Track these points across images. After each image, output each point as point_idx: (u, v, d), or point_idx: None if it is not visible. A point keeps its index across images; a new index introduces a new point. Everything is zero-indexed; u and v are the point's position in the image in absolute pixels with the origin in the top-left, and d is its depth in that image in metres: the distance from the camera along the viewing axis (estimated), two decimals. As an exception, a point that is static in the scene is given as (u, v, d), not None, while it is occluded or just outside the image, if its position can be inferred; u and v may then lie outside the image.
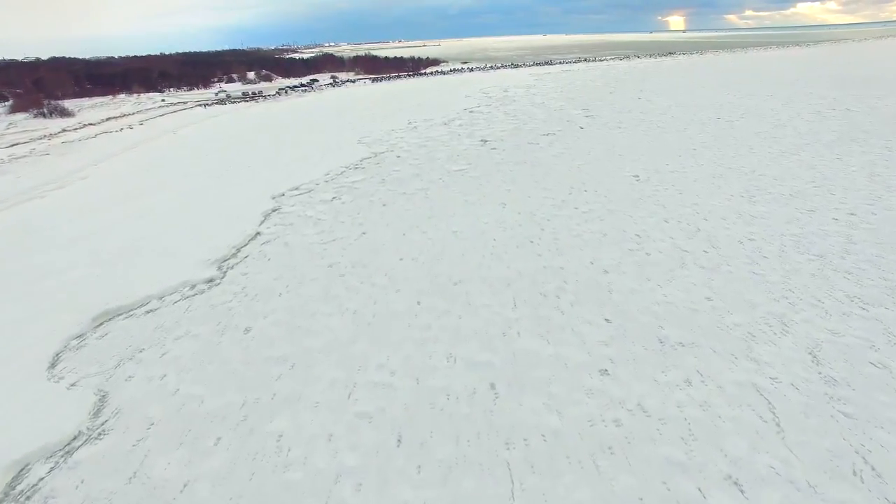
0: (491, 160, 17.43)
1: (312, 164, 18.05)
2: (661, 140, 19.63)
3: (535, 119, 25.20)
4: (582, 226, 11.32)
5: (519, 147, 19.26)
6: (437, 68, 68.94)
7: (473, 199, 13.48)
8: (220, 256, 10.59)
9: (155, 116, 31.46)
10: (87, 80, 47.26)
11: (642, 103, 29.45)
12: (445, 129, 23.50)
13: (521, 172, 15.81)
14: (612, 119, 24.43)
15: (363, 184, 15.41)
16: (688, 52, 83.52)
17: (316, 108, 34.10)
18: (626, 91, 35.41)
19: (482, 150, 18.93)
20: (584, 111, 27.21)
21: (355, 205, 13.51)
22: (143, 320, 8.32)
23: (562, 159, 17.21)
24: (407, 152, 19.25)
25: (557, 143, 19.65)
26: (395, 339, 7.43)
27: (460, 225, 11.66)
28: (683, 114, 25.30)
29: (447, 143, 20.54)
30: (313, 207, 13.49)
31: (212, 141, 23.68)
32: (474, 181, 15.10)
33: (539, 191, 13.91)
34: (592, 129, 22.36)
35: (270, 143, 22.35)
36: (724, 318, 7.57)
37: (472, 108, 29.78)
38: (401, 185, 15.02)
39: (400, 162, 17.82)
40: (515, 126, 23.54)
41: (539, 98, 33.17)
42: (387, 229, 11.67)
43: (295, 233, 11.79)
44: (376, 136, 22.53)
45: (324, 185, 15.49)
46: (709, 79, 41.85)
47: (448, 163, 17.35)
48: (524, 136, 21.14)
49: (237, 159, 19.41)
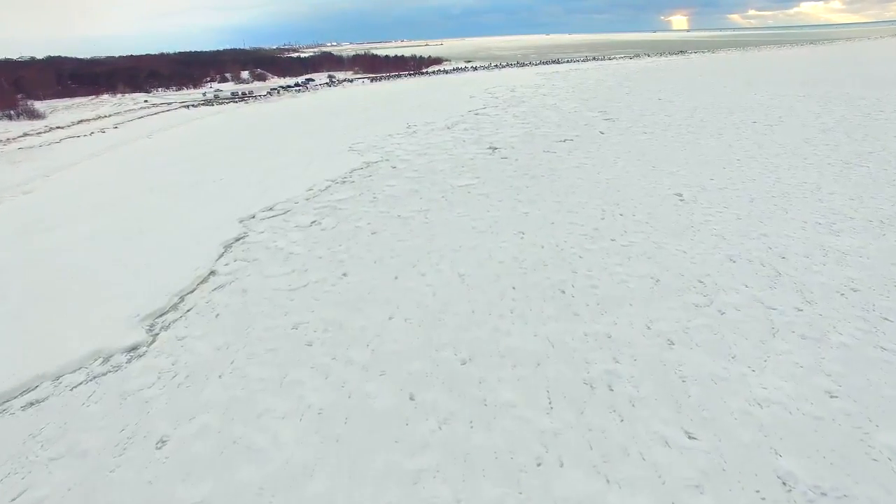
0: (502, 173, 14.91)
1: (294, 176, 15.56)
2: (697, 148, 17.08)
3: (549, 122, 22.66)
4: (625, 266, 8.80)
5: (533, 156, 16.73)
6: (440, 67, 66.45)
7: (483, 225, 10.96)
8: (156, 309, 8.10)
9: (133, 119, 29.05)
10: (72, 80, 44.91)
11: (664, 104, 26.88)
12: (448, 134, 20.99)
13: (538, 189, 13.28)
14: (634, 122, 21.87)
15: (350, 203, 12.91)
16: (699, 51, 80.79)
17: (308, 109, 31.64)
18: (643, 91, 32.83)
19: (491, 160, 16.42)
20: (602, 113, 24.65)
21: (338, 232, 11.01)
22: (16, 421, 5.84)
23: (585, 171, 14.68)
24: (404, 162, 16.74)
25: (577, 152, 17.11)
26: (373, 469, 4.93)
27: (468, 264, 9.15)
28: (713, 116, 22.74)
29: (450, 150, 18.03)
30: (286, 235, 10.99)
31: (187, 147, 21.23)
32: (483, 200, 12.58)
33: (563, 214, 11.38)
34: (614, 134, 19.81)
35: (251, 150, 19.88)
36: (869, 435, 5.04)
37: (478, 110, 27.26)
38: (395, 206, 12.52)
39: (395, 174, 15.32)
40: (527, 130, 21.01)
41: (550, 99, 30.62)
42: (374, 269, 9.16)
43: (258, 273, 9.29)
44: (370, 143, 20.03)
45: (303, 205, 13.00)
46: (727, 78, 39.22)
47: (452, 176, 14.84)
48: (538, 143, 18.62)
49: (210, 170, 16.94)
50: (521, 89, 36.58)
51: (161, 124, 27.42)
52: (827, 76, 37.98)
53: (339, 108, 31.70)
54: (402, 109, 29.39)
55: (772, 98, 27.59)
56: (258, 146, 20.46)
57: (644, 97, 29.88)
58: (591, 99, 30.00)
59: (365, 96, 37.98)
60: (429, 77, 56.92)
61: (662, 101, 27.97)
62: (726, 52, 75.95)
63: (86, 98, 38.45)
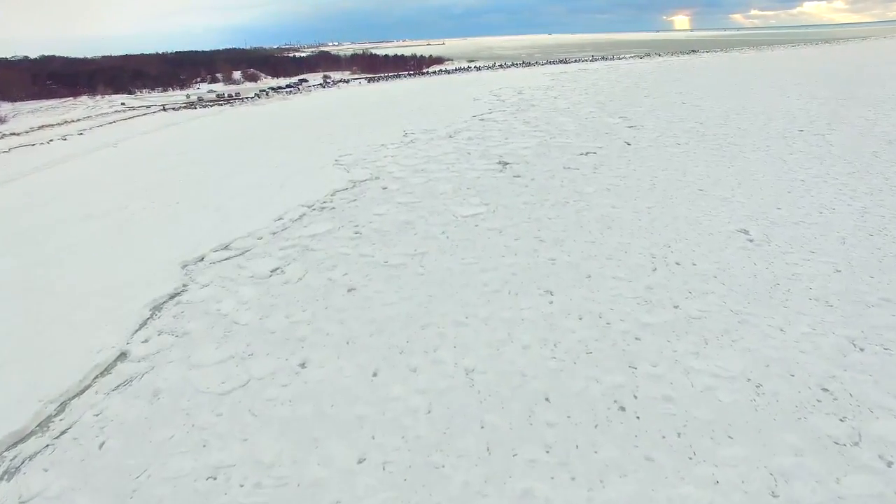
0: (516, 197, 12.22)
1: (264, 200, 12.90)
2: (745, 164, 14.37)
3: (565, 131, 19.95)
4: (704, 359, 6.10)
5: (552, 174, 14.03)
6: (442, 67, 63.73)
7: (497, 279, 8.27)
8: (15, 430, 5.45)
9: (104, 124, 26.46)
10: (52, 80, 42.39)
11: (690, 109, 24.15)
12: (451, 144, 18.30)
13: (563, 221, 10.59)
14: (662, 131, 19.15)
15: (326, 240, 10.23)
16: (711, 50, 77.92)
17: (296, 113, 28.98)
18: (663, 94, 30.08)
19: (501, 179, 13.73)
20: (623, 120, 21.93)
21: (304, 287, 8.34)
22: None
23: (618, 196, 11.98)
24: (398, 181, 14.06)
25: (604, 168, 14.41)
26: None
27: (478, 350, 6.46)
28: (749, 123, 20.01)
29: (453, 165, 15.33)
30: (236, 292, 8.33)
31: (152, 159, 18.59)
32: (495, 238, 9.89)
33: (601, 263, 8.69)
34: (643, 145, 17.10)
35: (221, 164, 17.23)
36: None
37: (483, 115, 24.56)
38: (382, 245, 9.84)
39: (386, 198, 12.64)
40: (540, 140, 18.30)
41: (562, 102, 27.89)
42: (346, 356, 6.49)
43: (184, 358, 6.63)
44: (360, 155, 17.35)
45: (268, 242, 10.33)
46: (749, 79, 36.43)
47: (455, 201, 12.15)
48: (556, 157, 15.92)
49: (166, 190, 14.29)
50: (529, 91, 33.86)
51: (132, 130, 24.78)
52: (855, 75, 35.25)
53: (330, 111, 29.04)
54: (400, 114, 26.71)
55: (808, 101, 24.86)
56: (230, 159, 17.80)
57: (666, 100, 27.15)
58: (608, 102, 27.27)
59: (360, 98, 35.31)
60: (429, 77, 54.20)
61: (688, 106, 25.25)
62: (739, 52, 73.04)
63: (59, 100, 35.93)
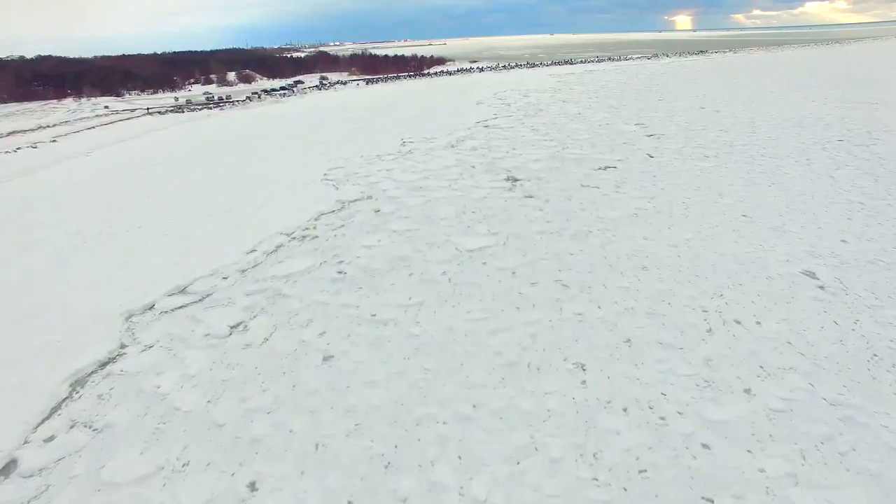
0: (529, 224, 10.47)
1: (238, 225, 11.17)
2: (787, 181, 12.62)
3: (578, 139, 18.20)
4: (808, 488, 4.32)
5: (569, 194, 12.28)
6: (443, 68, 62.04)
7: (512, 344, 6.52)
8: None
9: (83, 129, 24.77)
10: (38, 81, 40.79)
11: (711, 115, 22.40)
12: (453, 156, 16.56)
13: (589, 258, 8.84)
14: (686, 141, 17.39)
15: (303, 283, 8.49)
16: (720, 51, 76.10)
17: (287, 118, 27.28)
18: (677, 97, 28.32)
19: (511, 200, 11.99)
20: (641, 127, 20.18)
21: (269, 353, 6.61)
22: None
23: (649, 224, 10.23)
24: (393, 202, 12.33)
25: (628, 187, 12.66)
26: None
27: (491, 466, 4.71)
28: (780, 132, 18.25)
29: (456, 183, 13.59)
30: (185, 358, 6.60)
31: (123, 171, 16.90)
32: (508, 282, 8.14)
33: (642, 319, 6.93)
34: (667, 158, 15.35)
35: (199, 177, 15.53)
36: None
37: (488, 121, 22.81)
38: (370, 290, 8.10)
39: (379, 224, 10.90)
40: (553, 152, 16.55)
41: (572, 106, 26.13)
42: (310, 472, 4.75)
43: (91, 473, 4.88)
44: (352, 168, 15.62)
45: (235, 282, 8.60)
46: (766, 81, 34.62)
47: (458, 228, 10.41)
48: (571, 172, 14.18)
49: (130, 211, 12.58)
50: (535, 94, 32.11)
51: (110, 137, 23.09)
52: (876, 77, 33.42)
53: (324, 116, 27.33)
54: (398, 119, 24.98)
55: (838, 106, 23.09)
56: (208, 172, 16.09)
57: (682, 105, 25.39)
58: (621, 107, 25.51)
59: (356, 101, 33.59)
60: (430, 79, 52.50)
61: (707, 111, 23.50)
62: (749, 52, 71.21)
63: (40, 103, 34.30)
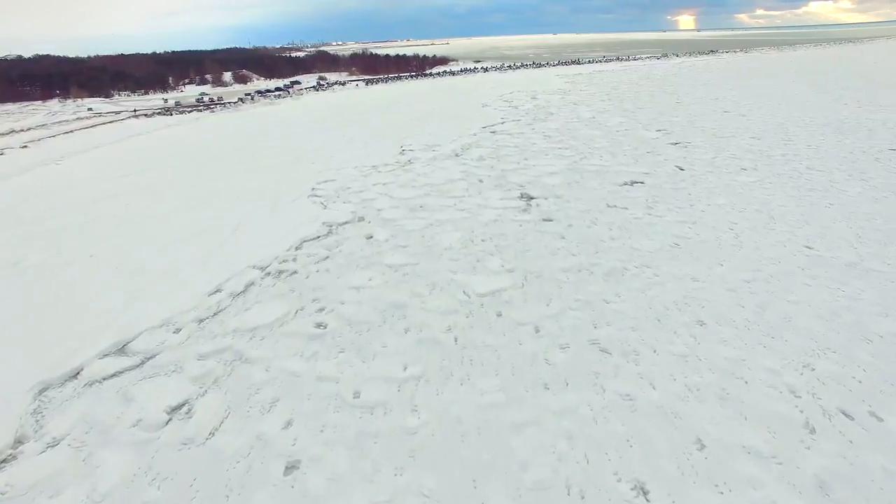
0: (552, 257, 8.67)
1: (204, 256, 9.40)
2: (845, 201, 10.81)
3: (596, 148, 16.41)
4: None
5: (594, 217, 10.47)
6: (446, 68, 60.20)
7: (543, 456, 4.71)
8: None
9: (59, 133, 23.11)
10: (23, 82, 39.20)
11: (736, 119, 20.59)
12: (458, 167, 14.79)
13: (630, 309, 7.03)
14: (717, 150, 15.59)
15: (272, 339, 6.71)
16: (730, 50, 74.13)
17: (279, 122, 25.53)
18: (695, 99, 26.49)
19: (528, 225, 10.19)
20: (663, 133, 18.38)
21: (212, 457, 4.81)
22: None
23: (695, 258, 8.42)
24: (388, 225, 10.54)
25: (660, 207, 10.86)
26: None
27: None
28: (819, 139, 16.43)
29: (461, 200, 11.81)
30: (99, 465, 4.80)
31: (91, 183, 15.15)
32: (530, 344, 6.34)
33: (713, 408, 5.13)
34: (699, 170, 13.56)
35: (173, 191, 13.77)
36: None
37: (495, 126, 21.04)
38: (354, 354, 6.32)
39: (370, 256, 9.11)
40: (569, 163, 14.77)
41: (585, 110, 24.33)
42: None
43: None
44: (344, 181, 13.86)
45: (188, 336, 6.82)
46: (787, 82, 32.76)
47: (466, 263, 8.61)
48: (593, 187, 12.38)
49: (87, 235, 10.82)
50: (544, 96, 30.32)
51: (87, 142, 21.38)
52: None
53: (319, 120, 25.57)
54: (398, 123, 23.21)
55: (873, 110, 21.28)
56: (184, 185, 14.34)
57: (703, 108, 23.57)
58: (637, 110, 23.71)
59: (354, 104, 31.84)
60: (433, 79, 50.70)
61: (731, 115, 21.68)
62: (760, 52, 69.25)
63: (22, 104, 32.70)
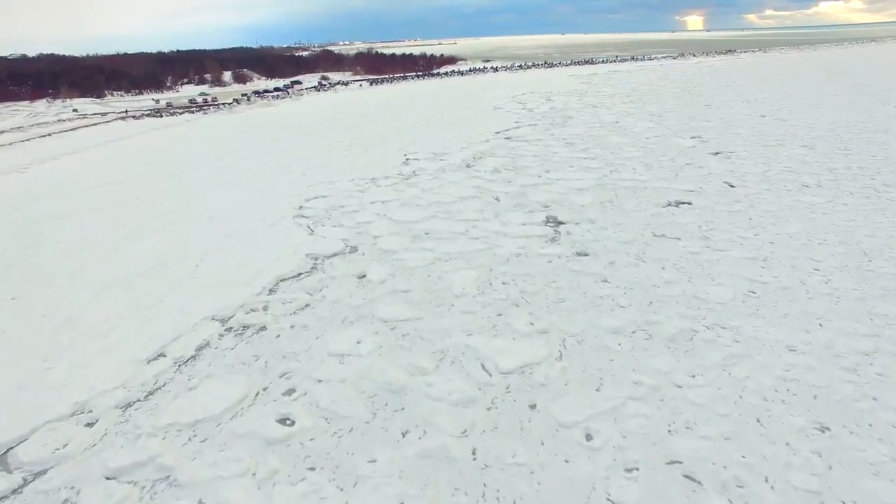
0: (594, 311, 6.65)
1: (153, 300, 7.48)
2: (954, 232, 8.73)
3: (627, 158, 14.39)
4: None
5: (640, 250, 8.45)
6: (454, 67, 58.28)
7: None
8: None
9: (35, 137, 21.47)
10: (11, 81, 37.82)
11: (778, 125, 18.49)
12: (469, 181, 12.83)
13: (712, 397, 5.01)
14: (767, 161, 13.53)
15: (218, 442, 4.76)
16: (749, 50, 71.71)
17: (274, 126, 23.71)
18: (726, 103, 24.35)
19: (558, 260, 8.18)
20: (699, 141, 16.33)
21: None
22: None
23: (785, 315, 6.35)
24: (386, 258, 8.59)
25: (718, 237, 8.81)
26: None
27: None
28: (881, 149, 14.33)
29: (475, 226, 9.82)
30: None
31: (47, 199, 13.34)
32: (581, 462, 4.35)
33: None
34: (753, 186, 11.52)
35: (138, 210, 11.91)
36: None
37: (510, 132, 19.07)
38: (328, 474, 4.32)
39: (361, 305, 7.13)
40: (599, 176, 12.76)
41: (606, 114, 22.29)
42: None
43: None
44: (337, 198, 11.94)
45: (101, 435, 4.84)
46: (822, 83, 30.50)
47: (483, 319, 6.60)
48: (631, 210, 10.36)
49: (13, 270, 8.94)
50: (559, 97, 28.31)
51: (62, 148, 19.67)
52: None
53: (316, 123, 23.71)
54: (402, 127, 21.29)
55: (931, 116, 19.11)
56: (153, 201, 12.47)
57: (737, 112, 21.47)
58: (664, 114, 21.65)
59: (356, 105, 29.99)
60: (440, 79, 48.77)
61: (771, 119, 19.58)
62: (780, 52, 66.79)
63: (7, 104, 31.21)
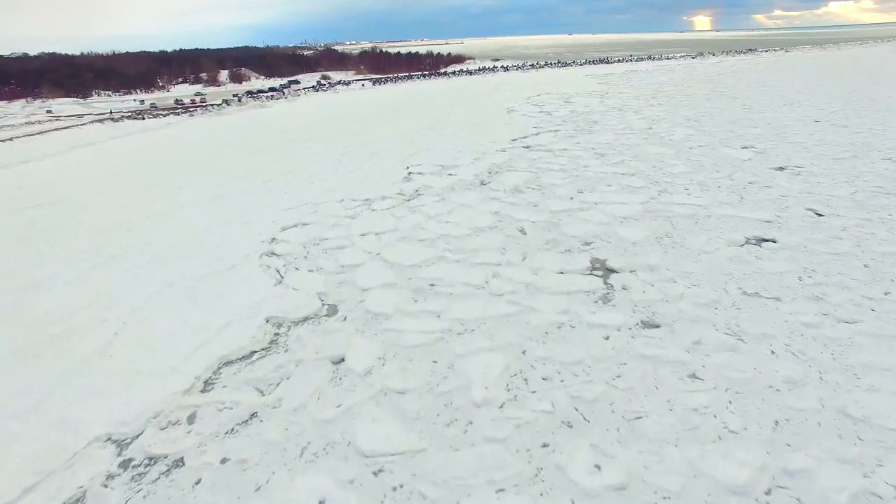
0: (693, 445, 4.20)
1: (23, 405, 5.13)
2: None
3: (673, 175, 11.92)
4: None
5: (729, 321, 5.99)
6: (462, 66, 55.79)
7: None
8: None
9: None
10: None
11: (839, 132, 15.95)
12: (485, 205, 10.39)
13: None
14: (849, 179, 11.02)
15: None
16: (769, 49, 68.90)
17: (262, 131, 21.43)
18: (766, 106, 21.77)
19: (617, 335, 5.75)
20: (753, 151, 13.85)
21: None
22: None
23: None
24: (373, 327, 6.18)
25: (838, 299, 6.33)
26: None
27: None
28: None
29: (496, 272, 7.39)
30: None
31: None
32: None
33: None
34: (847, 215, 9.04)
35: (67, 240, 9.60)
36: None
37: (528, 139, 16.64)
38: None
39: (331, 418, 4.69)
40: (646, 198, 10.30)
41: (634, 117, 19.81)
42: None
43: None
44: (320, 227, 9.55)
45: None
46: (865, 84, 27.85)
47: (520, 451, 4.19)
48: (700, 248, 7.89)
49: None
50: (578, 99, 25.84)
51: (22, 154, 17.49)
52: None
53: (309, 128, 21.40)
54: (405, 133, 18.91)
55: None
56: (90, 230, 10.15)
57: (783, 116, 18.92)
58: (701, 118, 19.14)
59: (356, 108, 27.66)
60: (448, 79, 46.42)
61: (827, 125, 17.03)
62: (802, 51, 63.92)
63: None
